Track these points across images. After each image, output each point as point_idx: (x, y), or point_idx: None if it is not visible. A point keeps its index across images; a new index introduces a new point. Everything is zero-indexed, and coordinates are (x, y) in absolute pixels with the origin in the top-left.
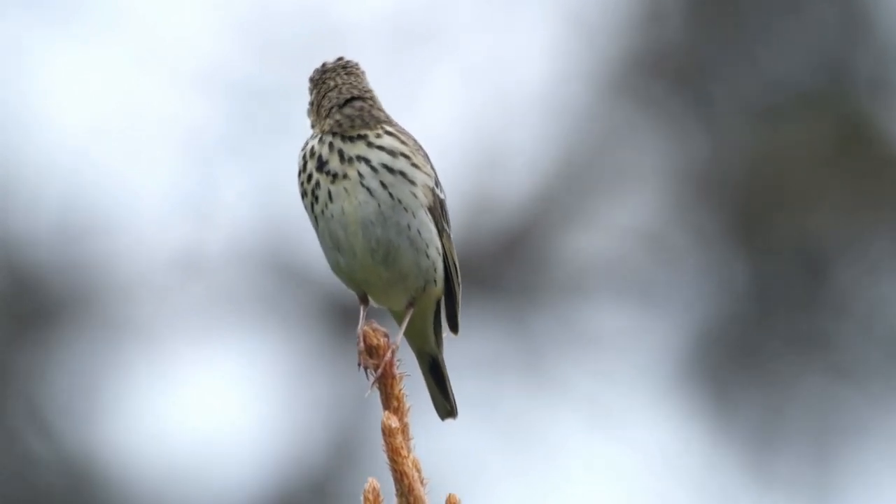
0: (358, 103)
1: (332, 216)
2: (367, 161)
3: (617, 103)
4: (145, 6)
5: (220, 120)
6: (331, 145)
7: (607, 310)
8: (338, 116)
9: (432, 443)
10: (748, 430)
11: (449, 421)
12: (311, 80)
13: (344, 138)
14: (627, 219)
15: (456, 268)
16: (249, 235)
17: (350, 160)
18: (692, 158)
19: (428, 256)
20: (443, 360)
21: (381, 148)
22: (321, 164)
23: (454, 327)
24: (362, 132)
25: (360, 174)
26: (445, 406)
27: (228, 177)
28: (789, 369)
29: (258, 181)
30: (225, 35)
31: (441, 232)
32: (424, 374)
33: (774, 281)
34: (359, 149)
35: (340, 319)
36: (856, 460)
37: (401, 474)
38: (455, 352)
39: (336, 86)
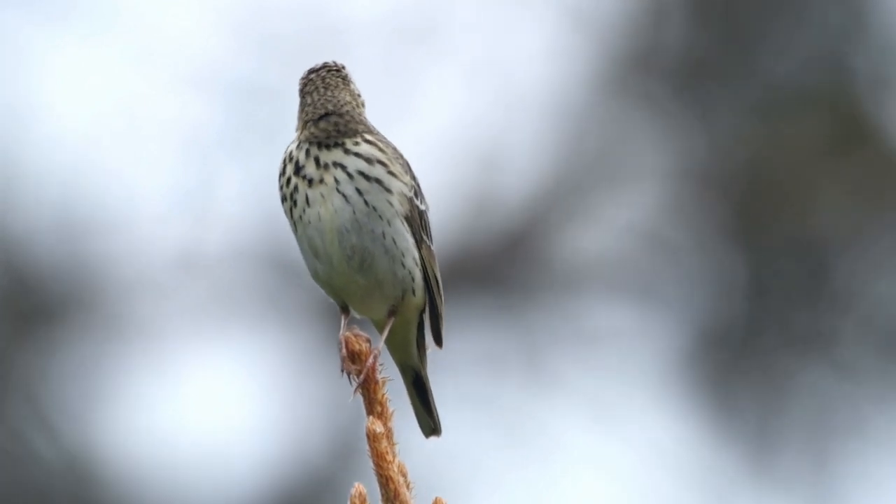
0: (333, 118)
1: (310, 222)
2: (343, 167)
3: (617, 102)
4: (144, 5)
5: (220, 118)
6: (307, 151)
7: (607, 308)
8: (313, 129)
9: (418, 446)
10: (748, 428)
11: (433, 438)
12: (298, 86)
13: (321, 146)
14: (627, 217)
15: (437, 280)
16: (249, 234)
17: (326, 166)
18: (692, 157)
19: (404, 265)
20: (426, 376)
21: (357, 155)
22: (297, 169)
23: (438, 341)
24: (340, 140)
25: (336, 180)
26: (429, 423)
27: (228, 175)
28: (789, 367)
29: (257, 179)
30: (224, 34)
31: (420, 242)
32: (408, 388)
33: (774, 278)
34: (335, 155)
35: (337, 324)
36: (856, 458)
37: (386, 479)
38: (455, 350)
39: (312, 102)
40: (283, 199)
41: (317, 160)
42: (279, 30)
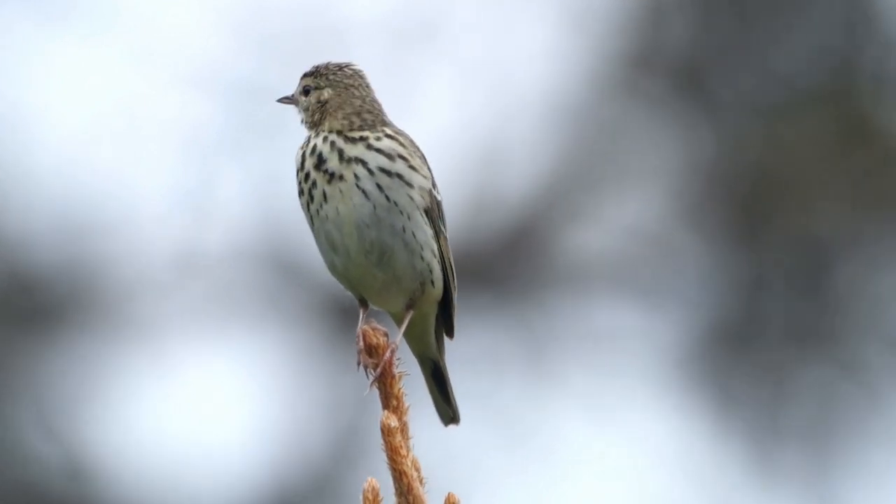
0: (368, 116)
1: (327, 217)
2: (364, 163)
3: (618, 101)
4: (144, 5)
5: (220, 118)
6: (332, 144)
7: (609, 306)
8: (346, 120)
9: (432, 442)
10: (749, 426)
11: (452, 427)
12: (325, 78)
13: (347, 138)
14: (629, 216)
15: (452, 270)
16: (249, 234)
17: (349, 161)
18: (695, 155)
19: (423, 258)
20: (444, 366)
21: (379, 151)
22: (320, 162)
23: (449, 331)
24: (363, 134)
25: (356, 176)
26: (448, 412)
27: (228, 175)
28: (791, 365)
29: (258, 179)
30: (224, 33)
31: (438, 234)
32: (427, 379)
33: (777, 277)
34: (358, 150)
35: (341, 317)
36: (857, 457)
37: (400, 473)
38: (457, 349)
39: (360, 96)
40: (300, 194)
41: (340, 154)
42: (279, 29)
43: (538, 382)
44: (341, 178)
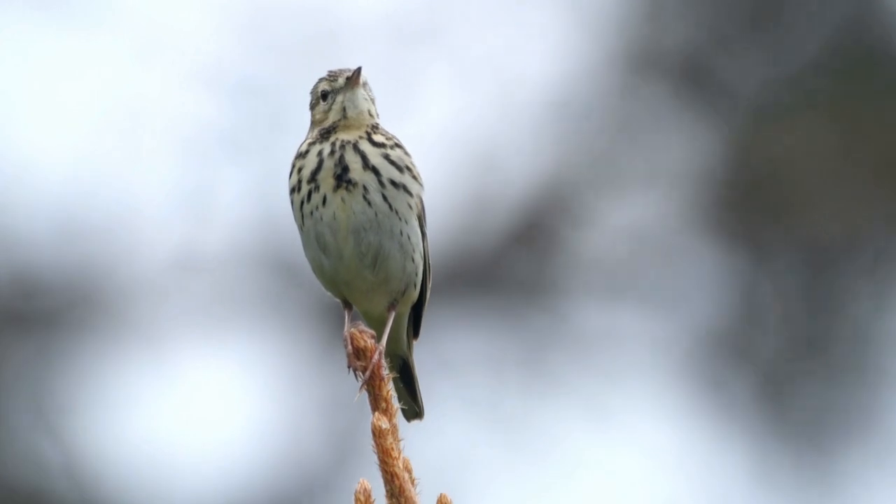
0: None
1: (322, 219)
2: (377, 174)
3: (618, 102)
4: (145, 3)
5: (221, 118)
6: (356, 148)
7: (607, 309)
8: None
9: (423, 443)
10: (748, 430)
11: (415, 422)
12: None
13: (372, 142)
14: (628, 218)
15: (429, 271)
16: (250, 235)
17: (366, 169)
18: (697, 156)
19: (413, 261)
20: (413, 363)
21: (392, 163)
22: (343, 172)
23: (416, 331)
24: (382, 140)
25: (364, 188)
26: (413, 408)
27: (229, 176)
28: (790, 370)
29: (259, 180)
30: (225, 33)
31: (424, 236)
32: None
33: (777, 281)
34: (378, 159)
35: (340, 319)
36: (857, 460)
37: (391, 475)
38: (456, 350)
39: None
40: (294, 190)
41: (364, 159)
42: (281, 29)
43: (536, 385)
44: (351, 185)
